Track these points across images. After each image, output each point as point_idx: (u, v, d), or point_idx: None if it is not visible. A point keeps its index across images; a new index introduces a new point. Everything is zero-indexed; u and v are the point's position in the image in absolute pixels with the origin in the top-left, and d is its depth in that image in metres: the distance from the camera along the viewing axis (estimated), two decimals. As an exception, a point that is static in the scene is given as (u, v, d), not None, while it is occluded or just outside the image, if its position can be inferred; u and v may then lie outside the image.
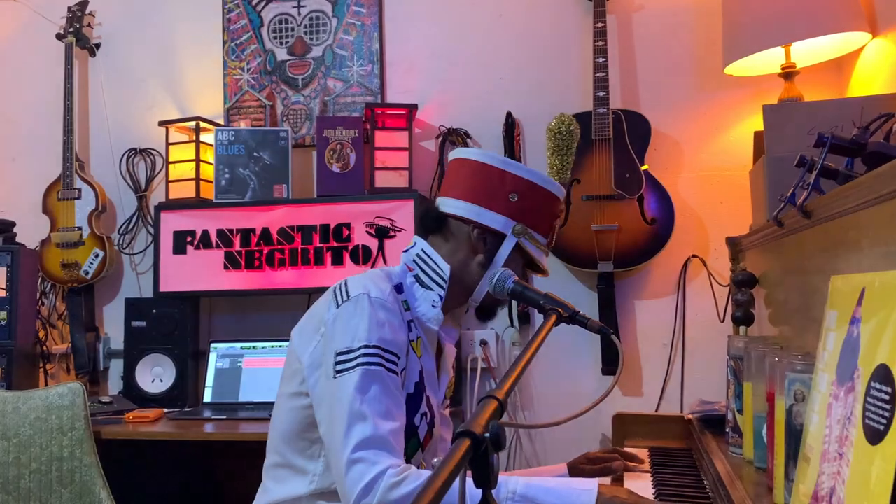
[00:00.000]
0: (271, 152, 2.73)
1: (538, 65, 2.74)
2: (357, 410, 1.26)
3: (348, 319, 1.34)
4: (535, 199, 1.45)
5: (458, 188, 1.47)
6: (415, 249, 1.48)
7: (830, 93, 2.41)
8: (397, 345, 1.35)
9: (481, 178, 1.45)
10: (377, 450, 1.24)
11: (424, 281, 1.45)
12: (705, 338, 2.51)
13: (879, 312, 0.84)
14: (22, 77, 3.19)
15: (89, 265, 2.88)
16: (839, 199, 1.05)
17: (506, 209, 1.43)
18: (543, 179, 1.46)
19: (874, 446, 0.77)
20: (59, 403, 2.15)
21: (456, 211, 1.46)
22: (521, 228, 1.44)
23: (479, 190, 1.45)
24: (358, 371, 1.29)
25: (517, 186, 1.44)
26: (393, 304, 1.38)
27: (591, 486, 1.24)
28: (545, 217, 1.47)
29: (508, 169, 1.44)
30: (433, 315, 1.44)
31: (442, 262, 1.45)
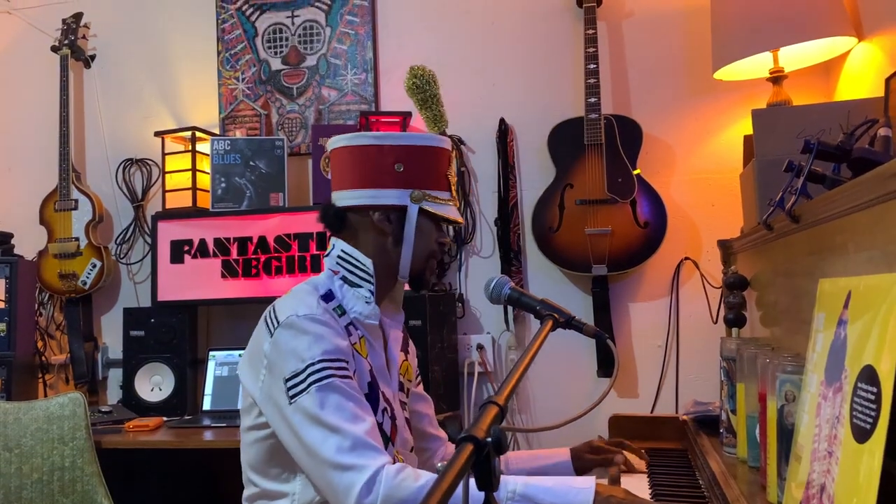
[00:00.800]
0: (267, 161, 2.75)
1: (530, 71, 2.77)
2: (325, 425, 1.27)
3: (286, 344, 1.34)
4: (420, 160, 1.45)
5: (345, 178, 1.48)
6: (334, 252, 1.49)
7: (818, 96, 2.45)
8: (341, 351, 1.35)
9: (362, 160, 1.45)
10: (360, 452, 1.25)
11: (352, 280, 1.46)
12: (699, 339, 2.54)
13: (865, 314, 0.87)
14: (17, 88, 3.21)
15: (87, 275, 2.90)
16: (826, 204, 1.08)
17: (396, 181, 1.44)
18: (421, 138, 1.47)
19: (861, 444, 0.80)
20: (60, 413, 2.17)
21: (351, 201, 1.46)
22: (419, 194, 1.44)
23: (364, 173, 1.45)
24: (312, 390, 1.29)
25: (398, 155, 1.44)
26: (323, 315, 1.37)
27: (589, 485, 1.26)
28: (437, 172, 1.47)
29: (384, 142, 1.44)
30: (369, 311, 1.45)
31: (363, 257, 1.46)
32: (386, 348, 1.54)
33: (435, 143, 1.47)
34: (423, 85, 2.04)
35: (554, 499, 1.25)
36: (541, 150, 2.67)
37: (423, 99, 2.07)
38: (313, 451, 1.28)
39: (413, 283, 1.53)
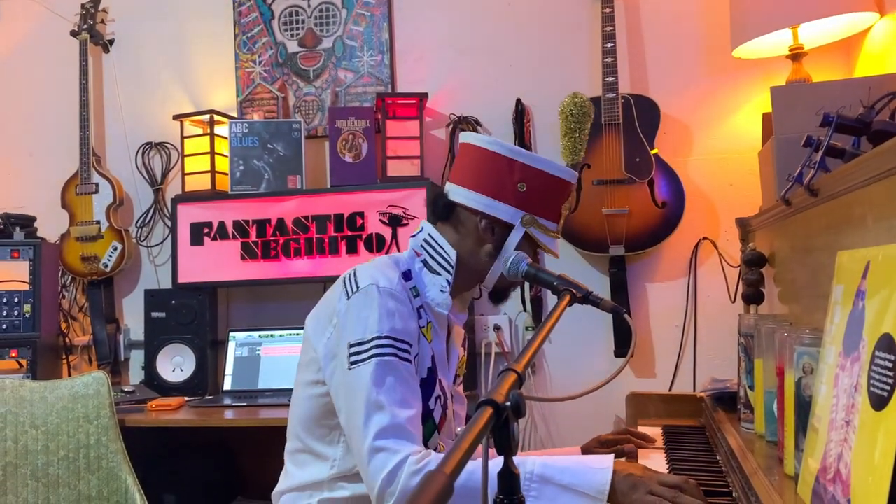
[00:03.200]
0: (284, 144, 2.77)
1: (547, 51, 2.76)
2: (374, 401, 1.29)
3: (359, 311, 1.36)
4: (543, 187, 1.44)
5: (466, 176, 1.48)
6: (422, 234, 1.50)
7: (838, 73, 2.42)
8: (408, 333, 1.37)
9: (489, 167, 1.45)
10: (397, 438, 1.27)
11: (432, 266, 1.47)
12: (717, 318, 2.53)
13: (883, 284, 0.87)
14: (37, 74, 3.24)
15: (108, 258, 2.94)
16: (844, 176, 1.08)
17: (514, 199, 1.44)
18: (552, 167, 1.45)
19: (879, 412, 0.81)
20: (85, 392, 2.21)
21: (465, 201, 1.47)
22: (530, 219, 1.44)
23: (487, 179, 1.45)
24: (372, 362, 1.31)
25: (525, 176, 1.43)
26: (402, 293, 1.40)
27: (607, 463, 1.26)
28: (554, 204, 1.47)
29: (517, 158, 1.44)
30: (442, 300, 1.46)
31: (448, 248, 1.47)
32: (448, 340, 1.56)
33: (564, 175, 1.46)
34: (578, 114, 2.03)
35: (572, 478, 1.25)
36: (557, 130, 2.65)
37: (570, 128, 2.06)
38: (356, 422, 1.30)
39: (494, 295, 1.56)
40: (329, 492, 1.42)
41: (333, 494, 1.42)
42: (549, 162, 1.46)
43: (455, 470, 0.57)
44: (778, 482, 1.12)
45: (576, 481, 1.24)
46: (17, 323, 2.62)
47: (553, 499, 1.23)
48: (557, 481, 1.25)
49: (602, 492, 1.22)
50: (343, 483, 1.41)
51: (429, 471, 0.55)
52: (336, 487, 1.42)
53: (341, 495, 1.41)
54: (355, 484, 1.40)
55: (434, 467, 1.18)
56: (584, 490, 1.23)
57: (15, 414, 2.15)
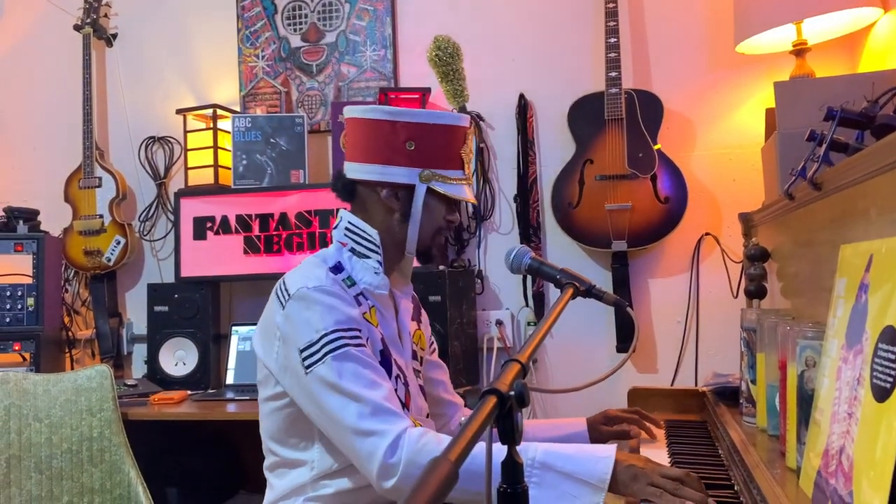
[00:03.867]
0: (287, 138, 2.77)
1: (550, 46, 2.76)
2: (344, 392, 1.29)
3: (298, 316, 1.36)
4: (433, 138, 1.43)
5: (356, 150, 1.47)
6: (342, 224, 1.49)
7: (842, 69, 2.42)
8: (353, 320, 1.37)
9: (373, 134, 1.44)
10: (381, 417, 1.28)
11: (360, 251, 1.46)
12: (719, 314, 2.54)
13: (886, 277, 0.87)
14: (41, 68, 3.24)
15: (111, 252, 2.94)
16: (847, 169, 1.08)
17: (406, 159, 1.42)
18: (435, 116, 1.44)
19: (881, 404, 0.81)
20: (88, 385, 2.21)
21: (361, 175, 1.46)
22: (429, 174, 1.43)
23: (375, 148, 1.44)
24: (328, 359, 1.31)
25: (410, 133, 1.42)
26: (333, 286, 1.39)
27: (609, 453, 1.26)
28: (450, 152, 1.45)
29: (398, 118, 1.42)
30: (379, 281, 1.46)
31: (369, 229, 1.46)
32: (397, 318, 1.56)
33: (449, 121, 1.45)
34: (446, 58, 1.95)
35: (574, 466, 1.25)
36: (561, 125, 2.66)
37: (444, 72, 1.99)
38: (335, 419, 1.30)
39: (420, 257, 1.53)
40: (313, 491, 1.42)
41: (318, 493, 1.42)
42: (430, 113, 1.45)
43: (460, 457, 0.57)
44: (780, 475, 1.13)
45: (577, 469, 1.24)
46: (20, 316, 2.63)
47: (554, 486, 1.23)
48: (559, 468, 1.25)
49: (603, 481, 1.22)
50: (326, 481, 1.42)
51: (434, 457, 0.55)
52: (319, 486, 1.42)
53: (326, 492, 1.42)
54: (337, 480, 1.41)
55: (434, 444, 1.18)
56: (586, 478, 1.23)
57: (18, 407, 2.16)
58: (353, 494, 1.40)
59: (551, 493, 1.24)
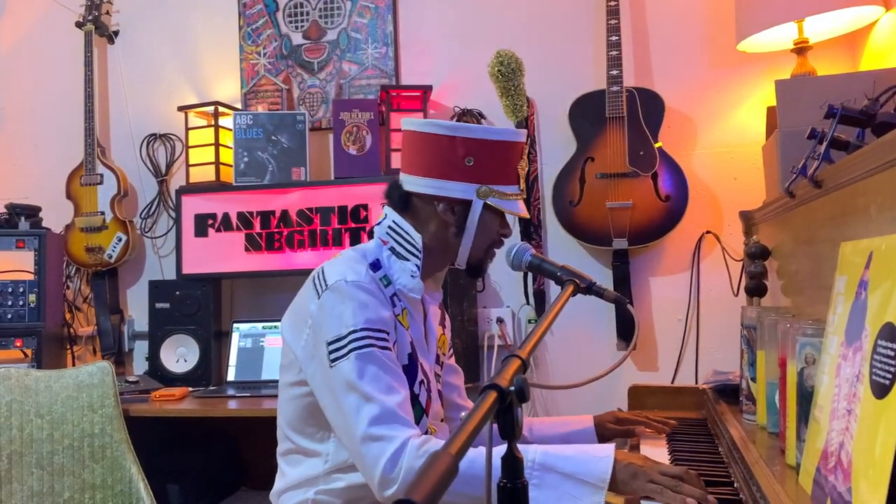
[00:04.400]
0: (289, 136, 2.77)
1: (551, 44, 2.76)
2: (360, 393, 1.30)
3: (332, 308, 1.36)
4: (490, 154, 1.43)
5: (414, 163, 1.47)
6: (386, 222, 1.50)
7: (843, 67, 2.42)
8: (384, 321, 1.38)
9: (433, 149, 1.44)
10: (389, 424, 1.28)
11: (400, 252, 1.47)
12: (719, 312, 2.54)
13: (886, 274, 0.87)
14: (42, 65, 3.25)
15: (112, 249, 2.95)
16: (848, 167, 1.08)
17: (464, 175, 1.43)
18: (494, 132, 1.44)
19: (880, 400, 0.81)
20: (89, 382, 2.22)
21: (418, 189, 1.46)
22: (486, 190, 1.43)
23: (433, 163, 1.44)
24: (352, 357, 1.32)
25: (469, 149, 1.42)
26: (371, 284, 1.40)
27: (608, 453, 1.27)
28: (506, 167, 1.45)
29: (457, 134, 1.42)
30: (414, 285, 1.46)
31: (413, 232, 1.46)
32: (425, 322, 1.57)
33: (508, 137, 1.44)
34: (508, 73, 1.93)
35: (574, 467, 1.25)
36: (562, 123, 2.67)
37: (505, 87, 1.96)
38: (347, 417, 1.31)
39: (470, 270, 1.54)
40: (325, 484, 1.43)
41: (329, 486, 1.43)
42: (489, 129, 1.45)
43: (460, 450, 0.58)
44: (779, 472, 1.13)
45: (578, 469, 1.25)
46: (22, 313, 2.64)
47: (555, 487, 1.24)
48: (559, 469, 1.25)
49: (603, 480, 1.23)
50: (338, 475, 1.42)
51: (434, 451, 0.55)
52: (331, 480, 1.43)
53: (337, 486, 1.42)
54: (350, 475, 1.42)
55: (437, 448, 1.19)
56: (586, 478, 1.24)
57: (20, 403, 2.16)
58: (364, 489, 1.40)
59: (552, 493, 1.24)
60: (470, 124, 1.45)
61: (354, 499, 1.42)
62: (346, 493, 1.42)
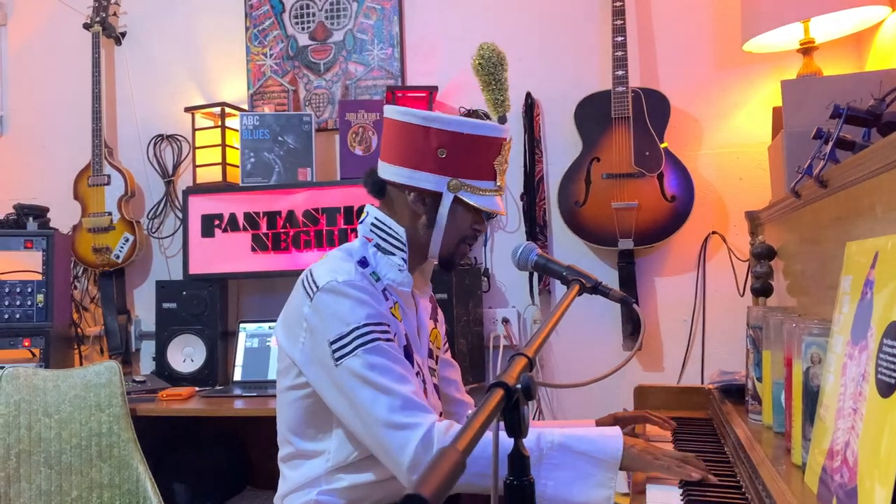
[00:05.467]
0: (295, 136, 2.78)
1: (557, 45, 2.76)
2: (375, 386, 1.31)
3: (328, 309, 1.37)
4: (465, 148, 1.41)
5: (389, 151, 1.47)
6: (368, 219, 1.50)
7: (849, 68, 2.42)
8: (383, 315, 1.39)
9: (407, 138, 1.43)
10: (411, 411, 1.29)
11: (385, 248, 1.47)
12: (725, 313, 2.54)
13: (892, 273, 0.87)
14: (50, 66, 3.26)
15: (120, 249, 2.96)
16: (854, 167, 1.08)
17: (436, 167, 1.41)
18: (470, 126, 1.41)
19: (886, 399, 0.81)
20: (97, 381, 2.23)
21: (390, 177, 1.46)
22: (457, 183, 1.42)
23: (406, 151, 1.43)
24: (359, 352, 1.32)
25: (444, 141, 1.40)
26: (362, 281, 1.40)
27: (618, 433, 1.35)
28: (482, 162, 1.43)
29: (432, 124, 1.40)
30: (402, 278, 1.47)
31: (396, 226, 1.46)
32: (416, 316, 1.57)
33: (485, 131, 1.42)
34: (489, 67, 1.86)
35: (588, 446, 1.31)
36: (567, 123, 2.67)
37: (486, 81, 1.90)
38: (364, 412, 1.31)
39: (442, 264, 1.54)
40: (327, 484, 1.43)
41: (332, 486, 1.43)
42: (467, 121, 1.42)
43: (468, 446, 0.58)
44: (785, 471, 1.13)
45: (591, 448, 1.31)
46: (30, 312, 2.65)
47: (572, 466, 1.30)
48: (576, 448, 1.31)
49: (616, 457, 1.30)
50: (341, 474, 1.43)
51: (441, 446, 0.56)
52: (334, 479, 1.43)
53: (340, 486, 1.43)
54: (352, 474, 1.42)
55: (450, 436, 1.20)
56: (600, 456, 1.30)
57: (28, 402, 2.17)
58: (367, 488, 1.41)
59: (570, 473, 1.30)
60: (447, 115, 1.43)
61: (357, 498, 1.43)
62: (349, 493, 1.43)
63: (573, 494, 1.29)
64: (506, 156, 1.47)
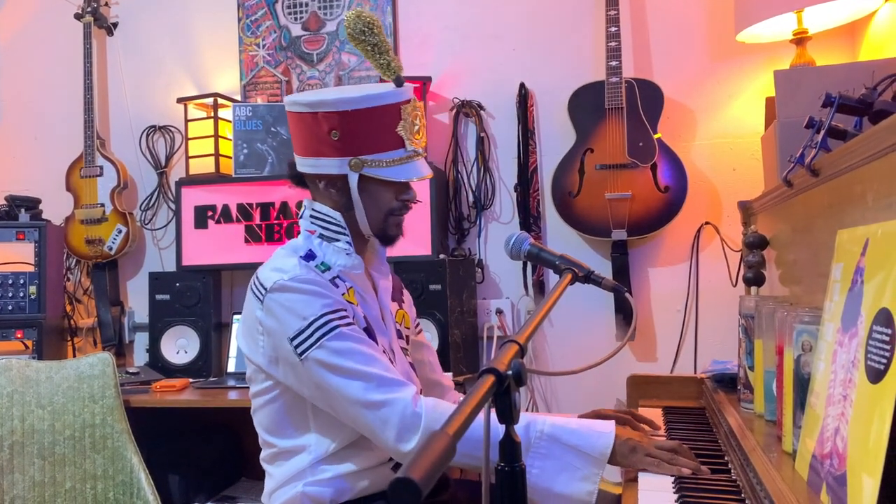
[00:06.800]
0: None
1: (551, 35, 2.76)
2: (345, 371, 1.31)
3: (280, 307, 1.36)
4: (357, 125, 1.37)
5: (295, 142, 1.46)
6: (307, 212, 1.49)
7: (842, 58, 2.42)
8: (337, 302, 1.38)
9: (302, 126, 1.42)
10: (386, 387, 1.30)
11: (328, 236, 1.46)
12: (718, 303, 2.54)
13: (882, 260, 0.88)
14: (42, 57, 3.24)
15: (112, 241, 2.95)
16: (845, 155, 1.08)
17: (333, 150, 1.38)
18: (354, 101, 1.37)
19: (875, 385, 0.82)
20: (90, 373, 2.23)
21: (302, 168, 1.46)
22: (356, 161, 1.39)
23: (305, 140, 1.42)
24: (322, 342, 1.33)
25: (333, 123, 1.37)
26: (307, 274, 1.39)
27: (609, 428, 1.34)
28: (381, 133, 1.39)
29: (318, 109, 1.38)
30: (352, 262, 1.46)
31: (332, 212, 1.45)
32: (378, 298, 1.56)
33: (371, 102, 1.37)
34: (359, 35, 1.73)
35: (578, 440, 1.31)
36: (561, 114, 2.67)
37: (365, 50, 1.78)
38: (340, 397, 1.32)
39: (380, 240, 1.52)
40: (312, 476, 1.44)
41: (317, 477, 1.44)
42: (348, 98, 1.37)
43: (458, 431, 0.58)
44: (776, 459, 1.14)
45: (581, 443, 1.31)
46: (22, 304, 2.64)
47: (560, 457, 1.30)
48: (565, 441, 1.31)
49: (604, 454, 1.30)
50: (324, 466, 1.44)
51: (432, 431, 0.56)
52: (318, 471, 1.44)
53: (325, 476, 1.43)
54: (335, 465, 1.43)
55: (440, 412, 1.21)
56: (589, 451, 1.30)
57: (21, 393, 2.17)
58: (351, 478, 1.42)
59: (557, 463, 1.30)
60: (333, 94, 1.38)
61: (342, 488, 1.44)
62: (334, 483, 1.44)
63: (556, 485, 1.29)
64: (412, 117, 1.42)
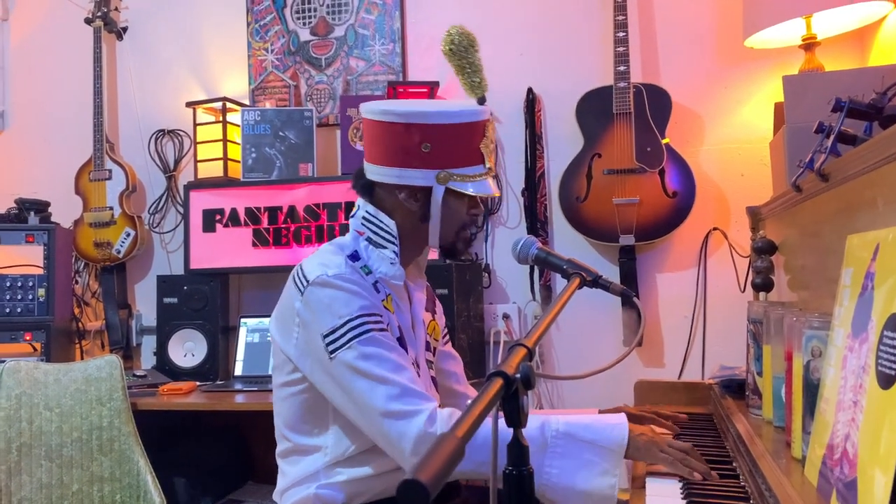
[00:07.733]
0: (296, 131, 2.78)
1: (558, 40, 2.76)
2: (371, 376, 1.31)
3: (319, 302, 1.37)
4: (448, 138, 1.40)
5: (374, 152, 1.46)
6: (359, 213, 1.49)
7: (851, 63, 2.41)
8: (375, 306, 1.39)
9: (389, 137, 1.42)
10: (409, 399, 1.30)
11: (377, 241, 1.46)
12: (726, 309, 2.53)
13: (892, 265, 0.87)
14: (52, 61, 3.26)
15: (121, 244, 2.96)
16: (854, 160, 1.08)
17: (422, 162, 1.40)
18: (449, 115, 1.40)
19: (886, 391, 0.81)
20: (98, 375, 2.23)
21: (379, 178, 1.45)
22: (444, 175, 1.41)
23: (391, 150, 1.42)
24: (353, 344, 1.33)
25: (425, 135, 1.39)
26: (352, 274, 1.40)
27: (623, 420, 1.35)
28: (468, 148, 1.42)
29: (411, 120, 1.40)
30: (394, 272, 1.46)
31: (387, 219, 1.46)
32: (411, 309, 1.57)
33: (465, 118, 1.41)
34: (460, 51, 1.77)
35: (594, 435, 1.31)
36: (569, 119, 2.67)
37: (459, 65, 1.81)
38: (362, 402, 1.32)
39: (445, 253, 1.54)
40: (326, 478, 1.44)
41: (331, 480, 1.43)
42: (444, 112, 1.41)
43: (466, 434, 0.58)
44: (785, 465, 1.13)
45: (597, 437, 1.31)
46: (31, 307, 2.65)
47: (577, 455, 1.29)
48: (581, 437, 1.31)
49: (621, 445, 1.30)
50: (339, 468, 1.43)
51: (441, 433, 0.56)
52: (333, 474, 1.43)
53: (339, 479, 1.43)
54: (351, 469, 1.43)
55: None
56: (605, 444, 1.30)
57: (29, 395, 2.18)
58: (366, 482, 1.42)
59: (575, 462, 1.30)
60: (425, 107, 1.41)
61: (356, 492, 1.43)
62: (348, 487, 1.43)
63: (578, 482, 1.29)
64: (490, 137, 1.47)
